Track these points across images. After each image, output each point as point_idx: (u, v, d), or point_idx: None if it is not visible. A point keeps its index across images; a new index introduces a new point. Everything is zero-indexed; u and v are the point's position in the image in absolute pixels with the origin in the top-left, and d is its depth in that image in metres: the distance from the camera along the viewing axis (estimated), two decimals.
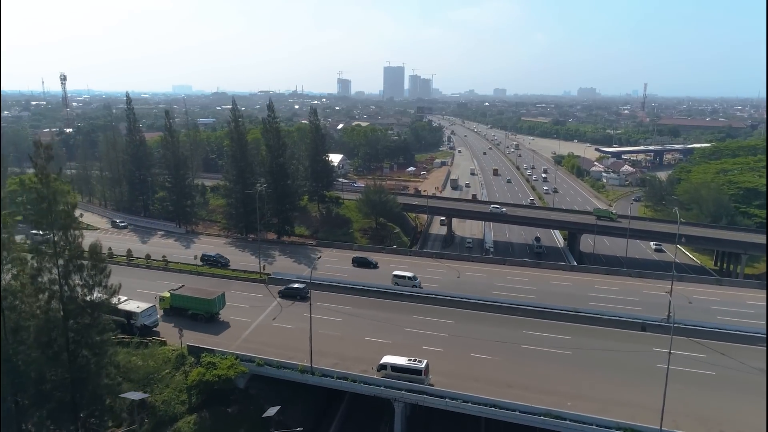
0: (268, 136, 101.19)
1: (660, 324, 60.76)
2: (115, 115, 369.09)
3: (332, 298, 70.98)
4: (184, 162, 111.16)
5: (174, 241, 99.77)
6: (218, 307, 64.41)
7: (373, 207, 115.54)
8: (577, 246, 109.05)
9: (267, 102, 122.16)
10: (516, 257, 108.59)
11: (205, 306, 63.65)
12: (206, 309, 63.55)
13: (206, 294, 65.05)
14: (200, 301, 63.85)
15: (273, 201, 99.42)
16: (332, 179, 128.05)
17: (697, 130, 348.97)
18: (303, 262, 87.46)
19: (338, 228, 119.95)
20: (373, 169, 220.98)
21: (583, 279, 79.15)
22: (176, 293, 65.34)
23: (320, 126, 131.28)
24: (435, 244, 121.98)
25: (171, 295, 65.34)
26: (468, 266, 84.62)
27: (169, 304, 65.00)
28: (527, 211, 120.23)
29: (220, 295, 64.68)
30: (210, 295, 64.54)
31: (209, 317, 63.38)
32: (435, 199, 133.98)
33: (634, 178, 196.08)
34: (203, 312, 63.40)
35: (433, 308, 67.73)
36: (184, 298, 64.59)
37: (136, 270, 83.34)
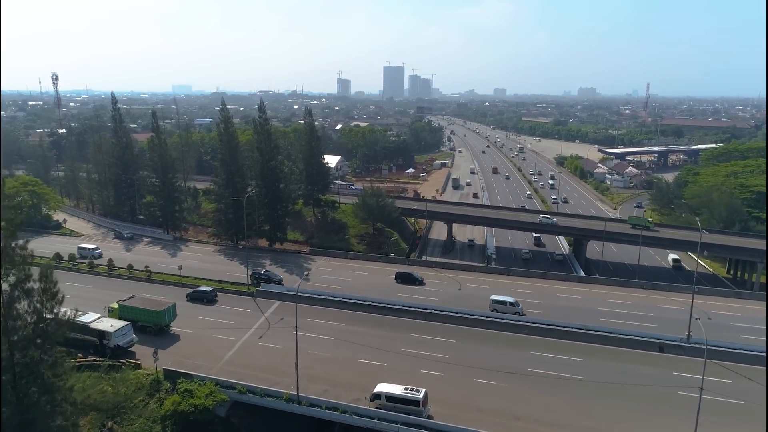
0: (259, 138, 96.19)
1: (679, 344, 55.88)
2: (111, 115, 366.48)
3: (323, 314, 66.15)
4: (172, 165, 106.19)
5: (160, 249, 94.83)
6: (168, 319, 61.31)
7: (371, 212, 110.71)
8: (584, 253, 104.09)
9: (266, 102, 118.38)
10: (519, 265, 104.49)
11: (153, 318, 60.33)
12: (155, 321, 60.25)
13: (155, 305, 61.93)
14: (149, 313, 60.59)
15: (264, 206, 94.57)
16: (328, 182, 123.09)
17: (701, 131, 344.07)
18: (295, 272, 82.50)
19: (334, 234, 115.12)
20: (371, 171, 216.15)
21: (592, 291, 74.20)
22: (125, 304, 62.19)
23: (315, 127, 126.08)
24: (435, 250, 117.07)
25: (119, 306, 62.11)
26: (470, 277, 79.70)
27: (118, 315, 61.43)
28: (531, 216, 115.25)
29: (170, 307, 61.62)
30: (159, 306, 61.55)
31: (158, 330, 59.86)
32: (434, 203, 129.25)
33: (638, 180, 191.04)
34: (152, 324, 59.91)
35: (432, 325, 62.84)
36: (133, 310, 61.28)
37: (116, 281, 78.48)
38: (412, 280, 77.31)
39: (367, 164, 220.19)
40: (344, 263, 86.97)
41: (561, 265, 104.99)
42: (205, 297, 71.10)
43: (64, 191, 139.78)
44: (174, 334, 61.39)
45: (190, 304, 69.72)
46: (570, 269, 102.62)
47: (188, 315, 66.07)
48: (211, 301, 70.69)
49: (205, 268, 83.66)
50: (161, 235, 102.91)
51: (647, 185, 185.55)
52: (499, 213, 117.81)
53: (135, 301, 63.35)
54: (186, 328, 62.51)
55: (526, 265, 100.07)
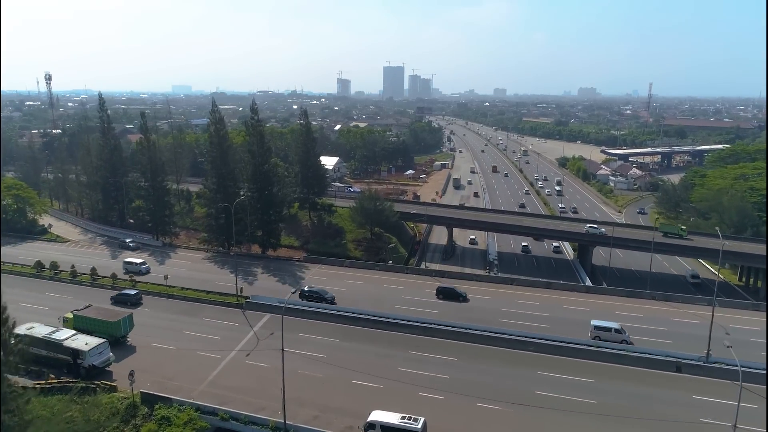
0: (251, 140, 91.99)
1: (698, 364, 51.85)
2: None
3: (316, 328, 62.17)
4: (162, 167, 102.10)
5: (148, 257, 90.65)
6: (124, 330, 58.37)
7: (368, 216, 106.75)
8: (589, 259, 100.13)
9: (265, 102, 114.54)
10: (522, 271, 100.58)
11: (108, 329, 57.19)
12: (110, 332, 57.01)
13: (111, 316, 59.00)
14: (104, 324, 57.53)
15: (257, 211, 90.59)
16: (325, 186, 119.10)
17: (704, 131, 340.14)
18: (288, 281, 78.52)
19: (330, 239, 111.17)
20: (370, 172, 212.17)
21: (601, 303, 70.12)
22: (79, 314, 59.12)
23: (312, 128, 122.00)
24: (435, 256, 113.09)
25: (74, 317, 58.98)
26: (472, 287, 75.56)
27: (73, 326, 58.05)
28: (534, 220, 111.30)
29: (126, 317, 58.72)
30: (114, 317, 58.65)
31: (114, 341, 56.35)
32: (434, 206, 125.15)
33: (643, 182, 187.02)
34: (107, 335, 56.24)
35: (432, 341, 58.80)
36: (88, 320, 58.23)
37: (99, 291, 74.38)
38: (454, 296, 70.99)
39: (366, 165, 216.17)
40: (339, 271, 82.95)
41: (565, 269, 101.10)
42: (129, 300, 69.42)
43: (54, 194, 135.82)
44: (130, 346, 58.26)
45: (175, 317, 65.77)
46: (575, 275, 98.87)
47: (172, 329, 62.19)
48: (135, 303, 69.04)
49: (193, 276, 79.59)
50: (150, 241, 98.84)
51: (652, 187, 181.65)
52: (502, 217, 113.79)
53: (90, 311, 60.38)
54: (169, 344, 58.51)
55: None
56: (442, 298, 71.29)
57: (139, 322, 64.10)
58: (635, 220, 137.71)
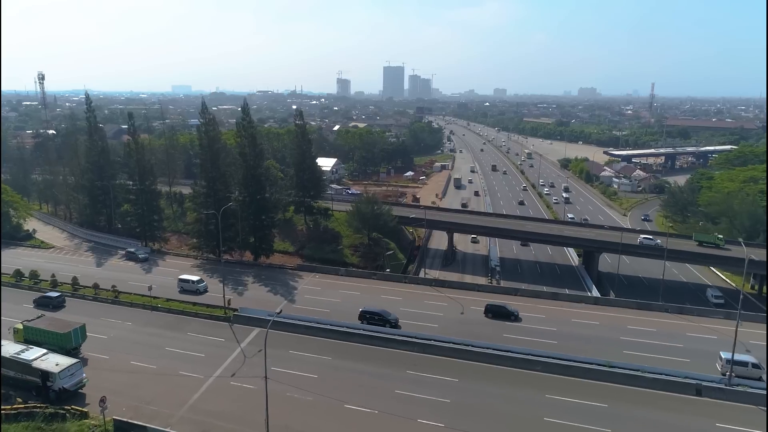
0: (242, 142, 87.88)
1: (720, 386, 47.88)
2: (105, 115, 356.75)
3: (308, 344, 58.19)
4: (151, 170, 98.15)
5: (134, 264, 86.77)
6: (75, 341, 55.18)
7: (365, 221, 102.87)
8: (595, 266, 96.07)
9: (264, 102, 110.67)
10: (525, 278, 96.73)
11: (59, 340, 54.00)
12: (60, 344, 53.76)
13: (61, 327, 55.55)
14: (54, 336, 54.28)
15: (249, 216, 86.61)
16: (321, 189, 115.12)
17: (707, 132, 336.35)
18: (280, 291, 74.52)
19: (326, 244, 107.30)
20: (369, 174, 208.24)
21: (611, 316, 66.10)
22: (29, 325, 55.79)
23: (307, 129, 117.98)
24: (435, 262, 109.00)
25: (24, 328, 55.67)
26: (473, 298, 71.62)
27: (23, 337, 54.81)
28: (537, 225, 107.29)
29: (77, 328, 55.52)
30: (65, 327, 55.29)
31: (65, 353, 52.73)
32: (434, 210, 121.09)
33: (647, 184, 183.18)
34: (57, 347, 52.99)
35: (432, 360, 54.81)
36: (37, 332, 54.93)
37: (80, 303, 70.37)
38: (505, 315, 65.10)
39: (365, 167, 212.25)
40: (334, 281, 78.98)
41: (570, 276, 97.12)
42: (50, 303, 67.89)
43: (42, 197, 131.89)
44: (83, 358, 54.49)
45: (158, 332, 61.78)
46: (580, 283, 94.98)
47: (154, 346, 58.23)
48: (57, 307, 67.50)
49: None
50: (138, 247, 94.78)
51: (656, 189, 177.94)
52: (504, 222, 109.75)
53: (41, 321, 57.19)
54: (149, 362, 54.51)
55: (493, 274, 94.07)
56: (491, 317, 65.14)
57: (120, 337, 60.54)
58: (641, 226, 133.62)
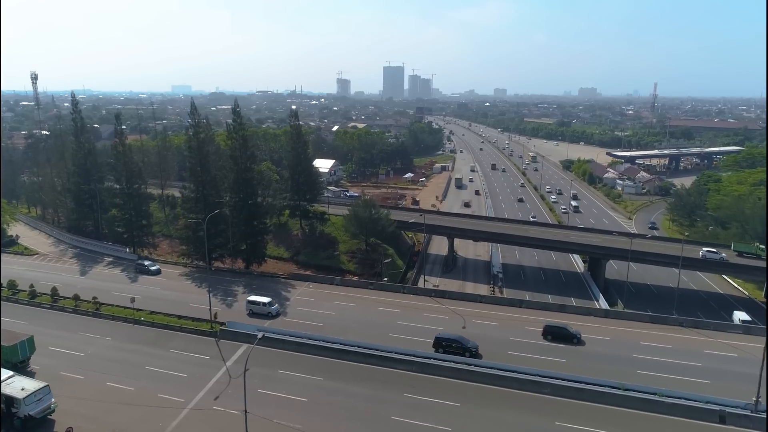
0: (233, 145, 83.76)
1: (746, 413, 43.92)
2: (102, 116, 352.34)
3: (298, 362, 54.22)
4: (139, 173, 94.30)
5: (120, 272, 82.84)
6: (22, 354, 52.41)
7: (362, 226, 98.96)
8: (602, 273, 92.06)
9: (264, 102, 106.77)
10: (529, 286, 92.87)
11: (4, 354, 50.43)
12: (6, 357, 50.44)
13: (8, 339, 52.38)
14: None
15: (240, 222, 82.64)
16: (317, 192, 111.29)
17: (710, 132, 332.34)
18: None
19: (322, 250, 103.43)
20: (368, 175, 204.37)
21: (622, 330, 62.03)
22: None
23: (303, 130, 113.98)
24: (435, 268, 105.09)
25: None
26: (475, 310, 67.60)
27: None
28: (541, 231, 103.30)
29: (24, 341, 52.75)
30: (12, 339, 52.21)
31: (11, 367, 49.38)
32: (434, 214, 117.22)
33: (652, 186, 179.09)
34: (3, 361, 49.40)
35: (431, 381, 50.83)
36: None
37: (59, 316, 66.55)
38: (566, 338, 59.00)
39: (364, 168, 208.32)
40: (328, 291, 75.00)
41: (575, 283, 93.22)
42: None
43: (30, 201, 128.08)
44: (31, 372, 51.12)
45: (138, 349, 57.85)
46: (587, 291, 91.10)
47: (133, 364, 54.31)
48: None
49: (166, 297, 71.72)
50: (126, 254, 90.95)
51: (661, 191, 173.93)
52: (506, 227, 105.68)
53: None
54: (127, 383, 50.60)
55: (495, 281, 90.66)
56: (551, 339, 59.42)
57: (98, 354, 56.66)
58: (647, 231, 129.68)
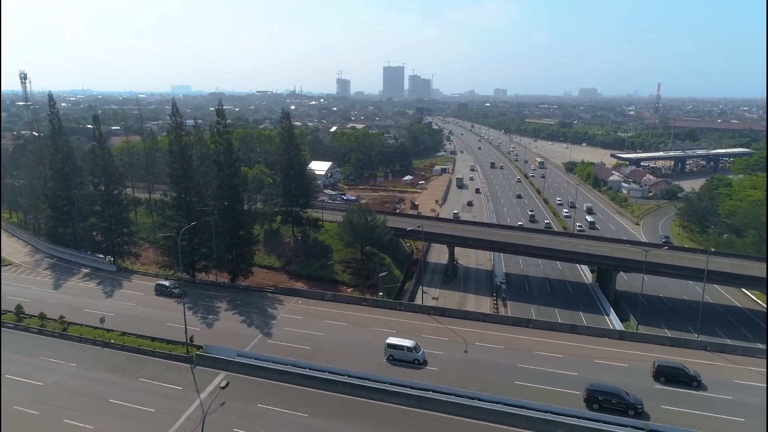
0: (217, 149, 77.71)
1: None
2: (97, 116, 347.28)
3: (281, 394, 48.45)
4: (119, 179, 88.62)
5: (95, 286, 77.04)
6: None
7: (357, 234, 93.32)
8: (612, 285, 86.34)
9: (263, 103, 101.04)
10: (534, 298, 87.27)
11: None
12: None
13: None
14: None
15: (225, 232, 76.81)
16: (310, 198, 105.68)
17: (714, 133, 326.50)
18: (255, 321, 64.70)
19: (315, 258, 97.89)
20: (366, 178, 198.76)
21: (640, 356, 56.04)
22: None
23: (295, 132, 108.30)
24: (434, 278, 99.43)
25: None
26: (477, 330, 61.81)
27: None
28: (546, 239, 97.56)
29: None
30: None
31: None
32: (433, 221, 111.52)
33: (659, 190, 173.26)
34: None
35: (430, 418, 45.04)
36: None
37: (22, 337, 60.68)
38: (684, 380, 49.93)
39: (362, 170, 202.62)
40: (319, 307, 69.16)
41: (583, 295, 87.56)
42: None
43: (12, 206, 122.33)
44: None
45: (104, 377, 52.09)
46: (596, 304, 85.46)
47: (96, 396, 48.58)
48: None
49: (142, 315, 65.90)
50: (104, 265, 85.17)
51: (668, 195, 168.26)
52: (510, 235, 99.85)
53: None
54: (86, 420, 44.88)
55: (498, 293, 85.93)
56: (664, 381, 50.31)
57: (58, 384, 50.92)
58: (657, 237, 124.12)
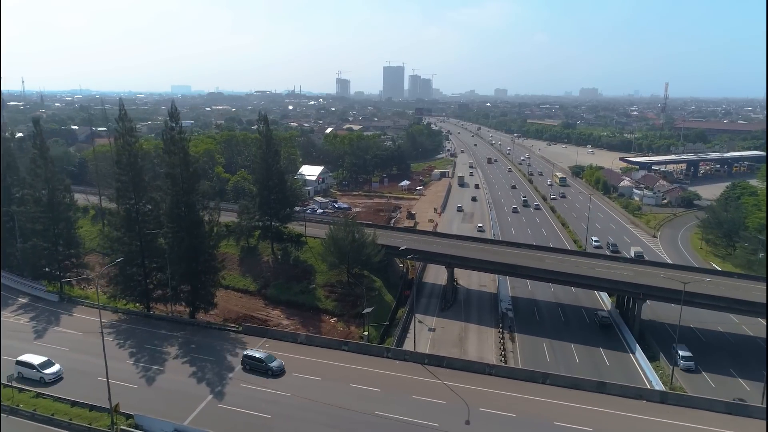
0: (171, 161, 64.92)
1: None
2: (84, 118, 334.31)
3: None
4: (66, 190, 76.27)
5: (27, 322, 64.89)
6: None
7: (343, 255, 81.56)
8: (637, 316, 74.03)
9: (261, 103, 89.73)
10: (545, 329, 75.39)
11: None
12: None
13: None
14: None
15: (179, 260, 64.56)
16: (291, 212, 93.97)
17: (725, 135, 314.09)
18: (208, 376, 52.34)
19: (295, 281, 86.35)
20: (361, 183, 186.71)
21: (689, 428, 44.18)
22: None
23: (274, 139, 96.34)
24: (431, 304, 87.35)
25: None
26: (482, 389, 49.64)
27: None
28: (559, 260, 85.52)
29: None
30: None
31: None
32: (431, 236, 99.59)
33: (674, 197, 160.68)
34: None
35: None
36: None
37: None
38: None
39: (356, 175, 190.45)
40: (289, 352, 56.95)
41: (606, 331, 75.57)
42: None
43: None
44: None
45: None
46: (618, 337, 73.57)
47: None
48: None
49: (72, 365, 53.41)
50: (45, 294, 73.08)
51: (684, 203, 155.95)
52: (517, 253, 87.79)
53: None
54: None
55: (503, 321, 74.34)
56: None
57: None
58: (677, 251, 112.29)
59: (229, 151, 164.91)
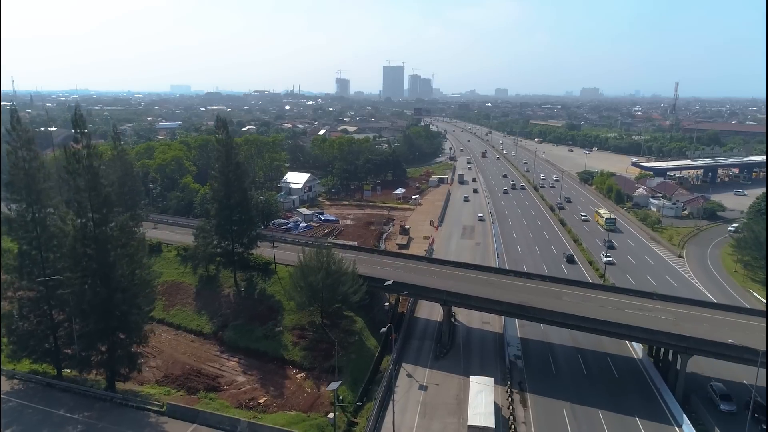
0: (76, 182, 49.30)
1: None
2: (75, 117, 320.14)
3: None
4: None
5: None
6: None
7: (315, 292, 66.42)
8: (681, 374, 58.79)
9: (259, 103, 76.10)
10: (563, 384, 60.70)
11: None
12: None
13: None
14: None
15: (89, 311, 49.27)
16: (255, 237, 78.74)
17: (737, 137, 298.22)
18: None
19: (259, 321, 71.73)
20: (352, 190, 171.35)
21: None
22: None
23: (234, 148, 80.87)
24: (424, 348, 72.16)
25: None
26: None
27: None
28: (580, 295, 70.25)
29: None
30: None
31: None
32: (424, 263, 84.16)
33: (695, 208, 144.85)
34: None
35: None
36: None
37: None
38: None
39: (347, 182, 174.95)
40: None
41: (633, 379, 60.58)
42: None
43: None
44: None
45: None
46: (656, 399, 58.61)
47: None
48: None
49: None
50: None
51: (707, 214, 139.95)
52: (529, 289, 72.46)
53: None
54: None
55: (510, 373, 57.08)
56: None
57: None
58: (710, 277, 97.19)
59: (204, 158, 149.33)
